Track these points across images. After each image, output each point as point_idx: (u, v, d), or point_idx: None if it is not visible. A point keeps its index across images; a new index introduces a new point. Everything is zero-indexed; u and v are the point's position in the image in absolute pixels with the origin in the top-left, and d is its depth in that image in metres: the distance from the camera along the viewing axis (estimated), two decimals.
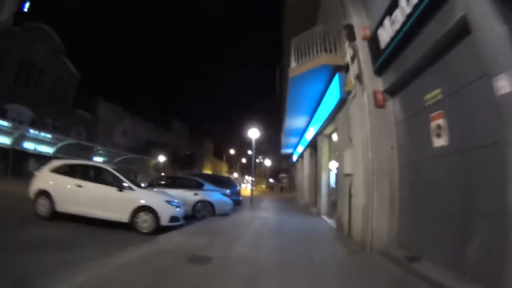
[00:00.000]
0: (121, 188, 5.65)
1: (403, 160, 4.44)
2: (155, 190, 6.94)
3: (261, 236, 5.58)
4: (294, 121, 11.04)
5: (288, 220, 8.54)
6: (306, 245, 4.90)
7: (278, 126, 16.28)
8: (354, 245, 4.84)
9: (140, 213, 5.49)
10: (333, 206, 8.44)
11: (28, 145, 17.00)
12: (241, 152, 53.10)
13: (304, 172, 14.04)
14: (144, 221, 5.47)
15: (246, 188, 50.95)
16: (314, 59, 6.54)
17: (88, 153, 20.64)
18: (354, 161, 5.38)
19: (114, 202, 5.60)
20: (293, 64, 7.17)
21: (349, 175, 5.62)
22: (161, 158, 33.51)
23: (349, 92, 5.78)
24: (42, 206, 5.89)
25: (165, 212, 5.61)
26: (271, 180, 49.98)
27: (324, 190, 9.11)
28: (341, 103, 6.28)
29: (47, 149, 17.90)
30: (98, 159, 23.47)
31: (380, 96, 4.76)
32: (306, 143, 12.33)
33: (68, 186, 5.85)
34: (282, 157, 28.29)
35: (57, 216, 5.79)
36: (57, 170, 6.22)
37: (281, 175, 41.78)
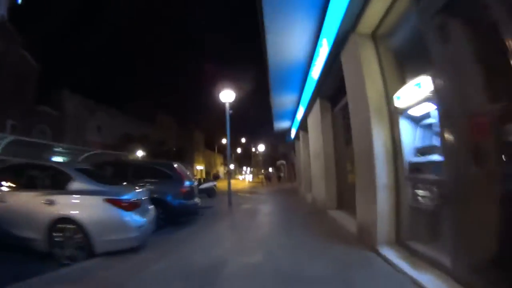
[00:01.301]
0: None
1: None
2: None
3: None
4: (284, 37, 5.06)
5: None
6: None
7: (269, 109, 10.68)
8: None
9: None
10: (429, 223, 2.58)
11: None
12: (236, 142, 46.85)
13: (311, 148, 8.18)
14: None
15: (244, 180, 45.40)
16: None
17: (44, 152, 16.16)
18: None
19: None
20: None
21: None
22: (140, 153, 28.23)
23: None
24: None
25: None
26: (270, 169, 44.25)
27: (383, 174, 3.22)
28: None
29: None
30: (58, 159, 18.91)
31: None
32: (313, 86, 6.42)
33: None
34: (277, 138, 22.20)
35: None
36: None
37: (279, 162, 35.69)
